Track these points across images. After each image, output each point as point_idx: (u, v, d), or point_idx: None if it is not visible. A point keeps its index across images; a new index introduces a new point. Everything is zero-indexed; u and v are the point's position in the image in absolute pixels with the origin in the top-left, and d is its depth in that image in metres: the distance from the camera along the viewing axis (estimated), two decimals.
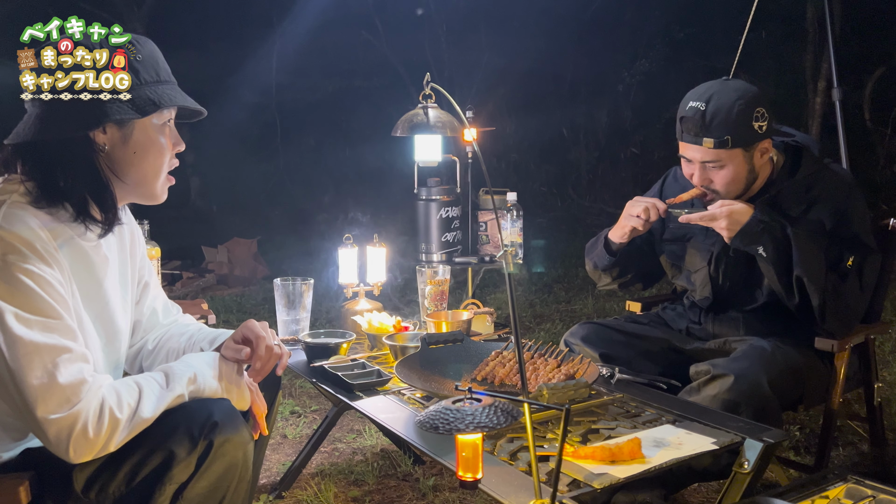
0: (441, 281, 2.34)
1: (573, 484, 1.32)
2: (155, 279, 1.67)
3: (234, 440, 1.32)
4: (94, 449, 1.22)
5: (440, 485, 2.31)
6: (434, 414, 1.20)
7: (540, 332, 4.24)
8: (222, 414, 1.33)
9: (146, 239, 2.42)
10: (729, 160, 1.90)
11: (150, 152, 1.40)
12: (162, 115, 1.40)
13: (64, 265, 1.30)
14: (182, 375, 1.34)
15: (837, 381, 1.97)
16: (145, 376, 1.34)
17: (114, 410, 1.23)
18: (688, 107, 1.91)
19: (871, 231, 1.98)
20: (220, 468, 1.32)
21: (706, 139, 1.87)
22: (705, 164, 1.93)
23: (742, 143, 1.88)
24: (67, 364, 1.22)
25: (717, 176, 1.93)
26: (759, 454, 1.43)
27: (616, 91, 9.81)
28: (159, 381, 1.33)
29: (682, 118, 1.93)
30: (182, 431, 1.29)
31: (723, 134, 1.86)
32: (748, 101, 1.87)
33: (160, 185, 1.45)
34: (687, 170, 2.01)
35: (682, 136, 1.95)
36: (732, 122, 1.86)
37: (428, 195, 2.55)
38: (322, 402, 3.12)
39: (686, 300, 2.21)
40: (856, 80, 8.03)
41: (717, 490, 2.10)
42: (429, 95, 2.33)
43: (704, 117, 1.87)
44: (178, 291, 5.47)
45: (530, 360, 1.87)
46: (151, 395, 1.29)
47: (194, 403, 1.35)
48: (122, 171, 1.38)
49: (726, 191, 1.95)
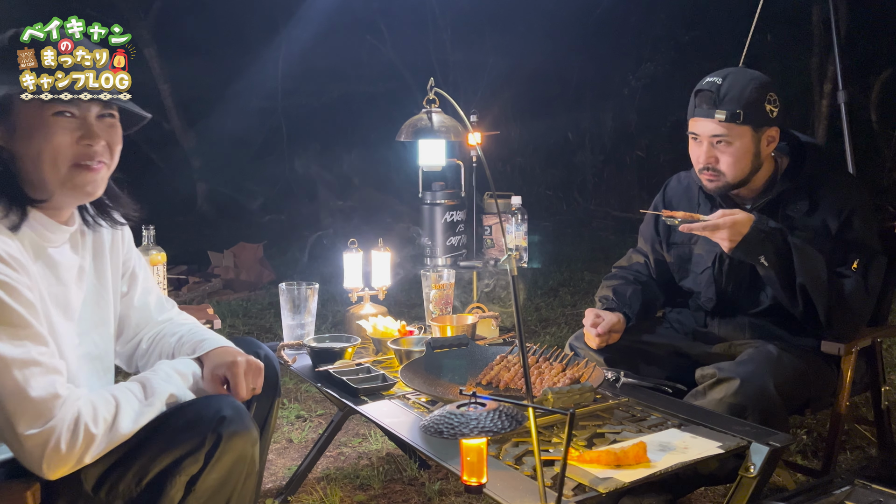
0: (446, 285, 2.34)
1: (578, 488, 1.31)
2: (146, 272, 1.65)
3: (242, 434, 1.34)
4: (67, 464, 1.22)
5: (446, 489, 2.31)
6: (439, 418, 1.21)
7: (545, 336, 4.24)
8: (231, 409, 1.35)
9: (151, 244, 2.44)
10: (738, 137, 1.92)
11: (35, 139, 1.31)
12: (53, 105, 1.31)
13: (30, 268, 1.29)
14: (162, 392, 1.34)
15: (844, 384, 1.96)
16: (122, 389, 1.33)
17: (89, 426, 1.22)
18: (704, 81, 1.96)
19: (877, 233, 1.98)
20: (230, 461, 1.33)
21: (718, 111, 1.90)
22: (714, 141, 1.94)
23: (752, 122, 1.91)
24: (39, 377, 1.20)
25: (724, 154, 1.94)
26: (766, 458, 1.43)
27: (621, 94, 9.80)
28: (138, 395, 1.32)
29: (698, 91, 1.96)
30: (192, 426, 1.31)
31: (735, 108, 1.90)
32: (763, 84, 1.93)
33: (60, 177, 1.34)
34: (694, 151, 2.01)
35: (693, 112, 1.98)
36: (745, 99, 1.90)
37: (433, 199, 2.55)
38: (327, 406, 3.12)
39: (692, 303, 2.21)
40: (862, 83, 8.00)
41: (724, 494, 2.09)
42: (433, 100, 2.34)
43: (719, 91, 1.91)
44: (184, 296, 5.49)
45: (535, 365, 1.86)
46: (130, 410, 1.29)
47: (203, 399, 1.37)
48: (19, 166, 1.32)
49: (730, 172, 1.95)
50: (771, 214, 1.95)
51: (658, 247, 2.22)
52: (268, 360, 1.66)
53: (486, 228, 2.65)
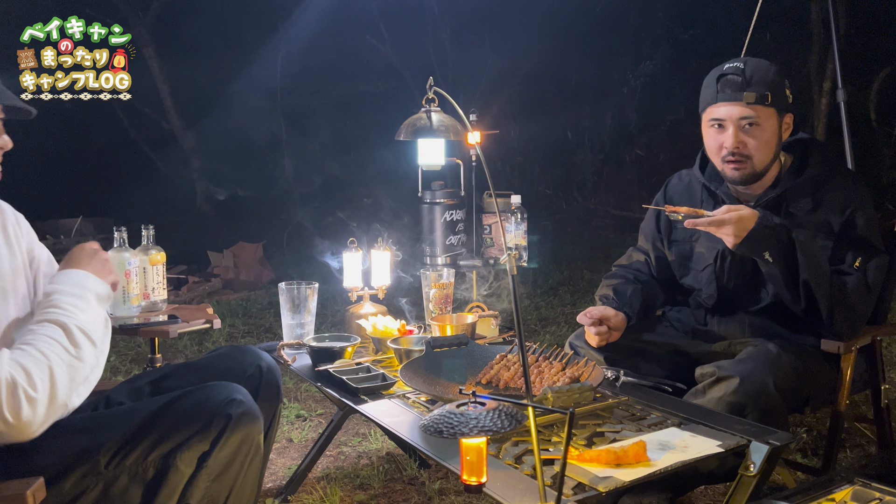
0: (445, 284, 2.34)
1: (578, 487, 1.31)
2: (45, 255, 1.63)
3: (249, 415, 1.42)
4: (24, 430, 1.21)
5: (446, 488, 2.31)
6: (438, 418, 1.20)
7: (545, 335, 4.24)
8: (240, 394, 1.43)
9: (151, 244, 2.44)
10: (765, 120, 1.92)
11: None
12: None
13: None
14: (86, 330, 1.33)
15: (844, 382, 1.96)
16: (46, 341, 1.29)
17: (27, 390, 1.21)
18: (725, 67, 1.96)
19: (879, 232, 1.97)
20: (237, 441, 1.40)
21: (747, 93, 1.91)
22: (742, 124, 1.93)
23: (777, 105, 1.93)
24: None
25: (753, 137, 1.93)
26: (766, 457, 1.43)
27: (620, 93, 9.80)
28: (63, 344, 1.30)
29: (721, 77, 1.95)
30: (202, 407, 1.37)
31: (763, 90, 1.91)
32: (780, 70, 1.95)
33: None
34: (716, 138, 1.98)
35: (716, 98, 1.96)
36: (771, 81, 1.92)
37: (432, 198, 2.55)
38: (327, 405, 3.12)
39: (692, 302, 2.21)
40: (861, 81, 8.00)
41: (724, 493, 2.09)
42: (432, 99, 2.33)
43: (745, 74, 1.92)
44: (183, 296, 5.49)
45: (535, 364, 1.86)
46: (62, 364, 1.27)
47: (213, 385, 1.44)
48: None
49: (758, 155, 1.94)
50: (774, 211, 1.94)
51: (659, 244, 2.22)
52: (270, 371, 1.70)
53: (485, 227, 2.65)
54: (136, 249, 2.39)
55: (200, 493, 1.38)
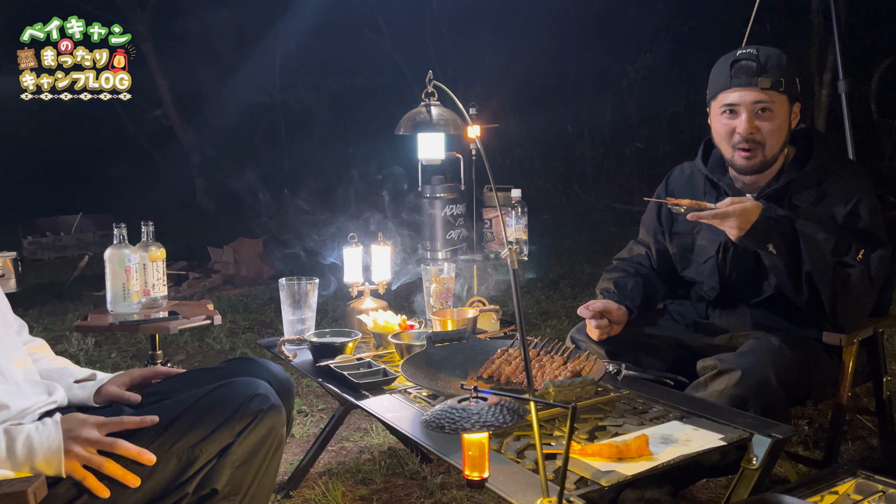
0: (446, 279, 2.34)
1: (580, 481, 1.31)
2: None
3: (274, 409, 1.45)
4: None
5: (448, 483, 2.31)
6: (440, 413, 1.20)
7: (546, 329, 4.24)
8: (264, 389, 1.48)
9: (151, 240, 2.43)
10: (778, 106, 1.92)
11: None
12: None
13: None
14: None
15: (846, 375, 1.96)
16: None
17: None
18: (738, 53, 1.95)
19: (882, 224, 1.97)
20: (262, 432, 1.43)
21: (762, 78, 1.91)
22: (756, 109, 1.93)
23: (789, 92, 1.93)
24: None
25: (766, 123, 1.93)
26: (768, 450, 1.42)
27: (620, 86, 9.79)
28: None
29: (735, 62, 1.94)
30: (228, 401, 1.41)
31: (778, 76, 1.91)
32: (791, 59, 1.96)
33: None
34: (728, 124, 1.97)
35: (730, 84, 1.95)
36: (784, 67, 1.93)
37: (432, 193, 2.55)
38: (329, 401, 3.12)
39: (693, 295, 2.20)
40: (862, 73, 7.98)
41: (726, 486, 2.09)
42: (431, 93, 2.32)
43: (759, 59, 1.92)
44: (184, 292, 5.48)
45: (536, 358, 1.86)
46: None
47: (240, 380, 1.47)
48: None
49: (770, 141, 1.94)
50: (777, 203, 1.94)
51: (660, 237, 2.21)
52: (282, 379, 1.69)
53: (486, 222, 2.64)
54: (135, 246, 2.39)
55: (225, 479, 1.41)
